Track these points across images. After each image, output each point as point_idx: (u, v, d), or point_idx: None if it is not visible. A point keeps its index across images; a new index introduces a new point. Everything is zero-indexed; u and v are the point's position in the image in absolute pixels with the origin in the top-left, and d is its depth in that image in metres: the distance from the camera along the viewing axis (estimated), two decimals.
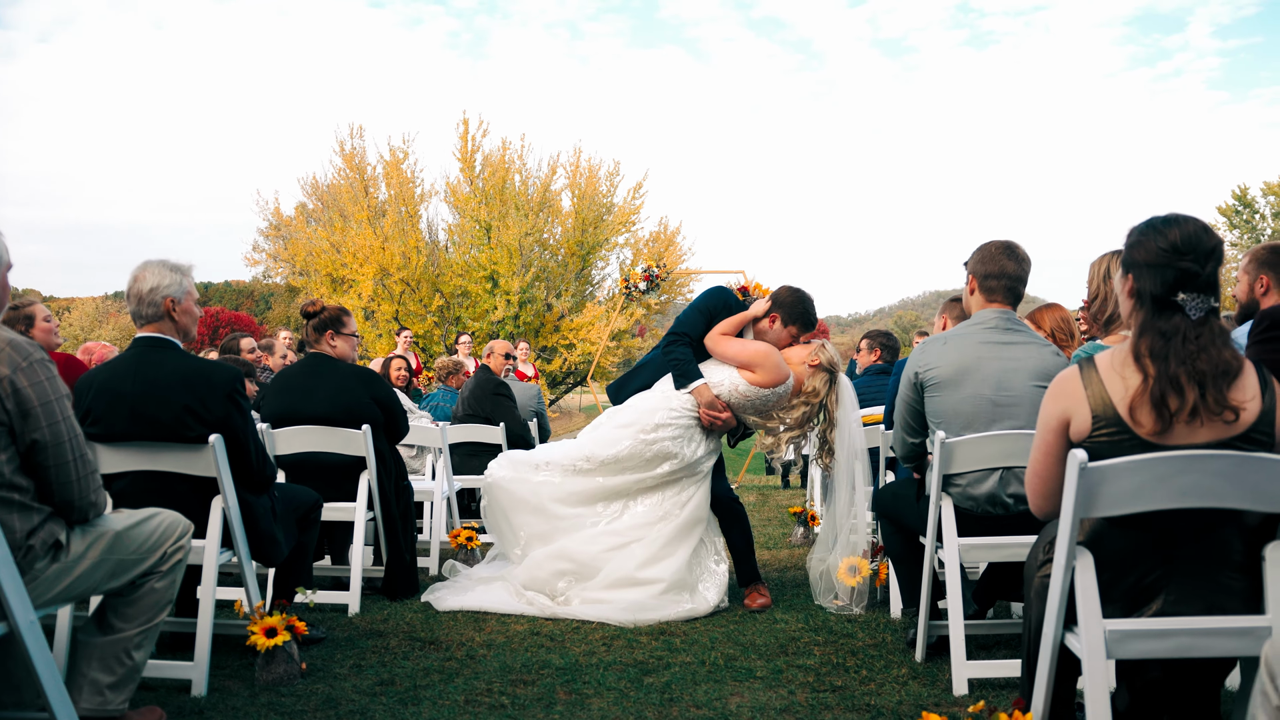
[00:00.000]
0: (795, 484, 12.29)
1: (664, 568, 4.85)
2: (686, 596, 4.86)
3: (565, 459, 5.07)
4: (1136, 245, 2.48)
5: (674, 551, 4.91)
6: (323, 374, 5.10)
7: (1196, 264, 2.41)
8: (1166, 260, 2.42)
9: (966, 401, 3.66)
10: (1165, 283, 2.42)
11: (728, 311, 5.19)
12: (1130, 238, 2.52)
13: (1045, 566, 2.59)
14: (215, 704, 3.47)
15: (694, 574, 4.95)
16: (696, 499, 5.05)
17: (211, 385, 3.69)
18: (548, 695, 3.60)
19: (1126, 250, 2.51)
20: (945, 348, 3.76)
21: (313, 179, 31.64)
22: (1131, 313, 2.50)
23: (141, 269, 3.74)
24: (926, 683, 3.72)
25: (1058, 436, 2.52)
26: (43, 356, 2.71)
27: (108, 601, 3.07)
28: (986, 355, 3.67)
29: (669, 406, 5.02)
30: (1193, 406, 2.35)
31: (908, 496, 4.10)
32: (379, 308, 28.24)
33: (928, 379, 3.77)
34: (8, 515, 2.62)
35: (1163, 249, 2.42)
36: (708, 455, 5.13)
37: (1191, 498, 2.32)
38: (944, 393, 3.71)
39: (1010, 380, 3.63)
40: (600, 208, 30.12)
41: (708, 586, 4.95)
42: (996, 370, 3.64)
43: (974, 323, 3.81)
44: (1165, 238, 2.42)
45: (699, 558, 5.02)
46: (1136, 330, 2.46)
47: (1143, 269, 2.45)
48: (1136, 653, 2.39)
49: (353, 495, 5.04)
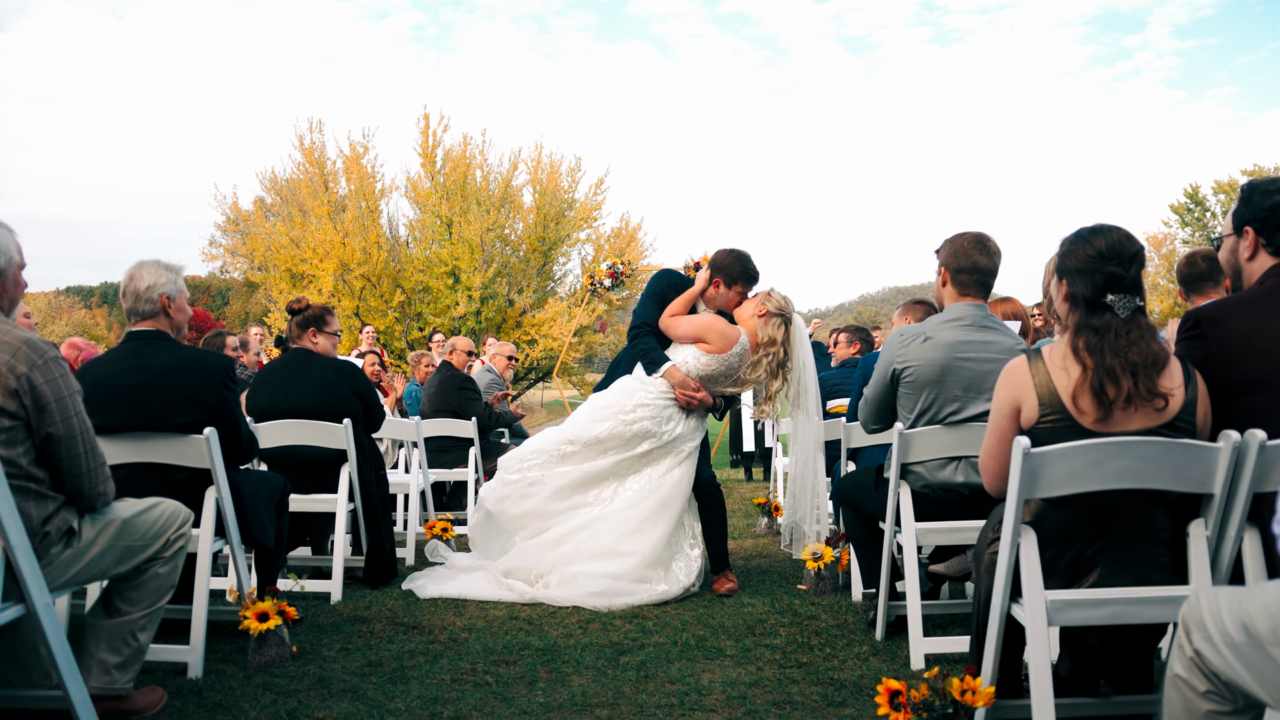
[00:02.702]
0: (759, 477, 12.54)
1: (642, 540, 5.06)
2: (660, 574, 5.06)
3: (550, 446, 5.26)
4: (1068, 254, 2.76)
5: (653, 526, 5.11)
6: (305, 369, 5.25)
7: (1121, 268, 2.68)
8: (1095, 265, 2.69)
9: (942, 400, 3.82)
10: (1095, 286, 2.69)
11: (676, 292, 5.44)
12: (1062, 247, 2.80)
13: (994, 544, 2.83)
14: (212, 685, 3.64)
15: (669, 551, 5.15)
16: (676, 476, 5.24)
17: (206, 372, 3.88)
18: (530, 674, 3.80)
19: (1059, 259, 2.79)
20: (925, 346, 3.84)
21: (271, 173, 31.39)
22: (1068, 314, 2.77)
23: (138, 268, 3.89)
24: (886, 658, 3.96)
25: (1009, 422, 2.78)
26: (57, 354, 2.86)
27: (114, 586, 3.22)
28: (967, 353, 3.80)
29: (645, 389, 5.24)
30: (1127, 394, 2.61)
31: (867, 484, 4.33)
32: (339, 303, 28.10)
33: (904, 375, 3.89)
34: (25, 504, 2.77)
35: (1091, 256, 2.70)
36: (689, 435, 5.32)
37: (1123, 480, 2.58)
38: (921, 389, 3.86)
39: (981, 384, 3.76)
40: (562, 203, 30.21)
41: (680, 567, 5.16)
42: (975, 368, 3.78)
43: (951, 318, 3.90)
44: (1093, 246, 2.70)
45: (676, 539, 5.23)
46: (1073, 329, 2.73)
47: (1074, 274, 2.73)
48: (1075, 620, 2.64)
49: (333, 487, 5.20)
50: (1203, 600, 2.06)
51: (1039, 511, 2.73)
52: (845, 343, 7.19)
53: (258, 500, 4.13)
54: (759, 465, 12.58)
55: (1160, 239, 46.37)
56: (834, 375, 6.76)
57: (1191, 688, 2.04)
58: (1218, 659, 1.98)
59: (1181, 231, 46.12)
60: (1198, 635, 2.03)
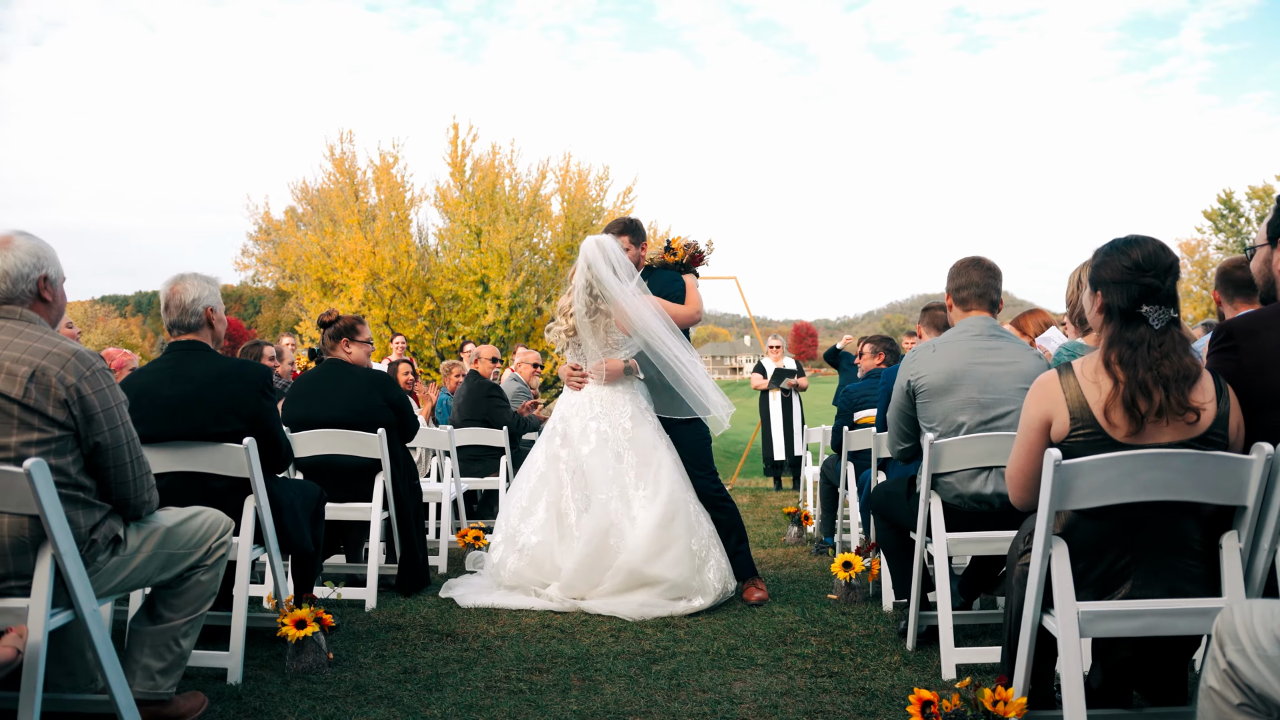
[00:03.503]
0: (789, 486, 12.53)
1: (667, 565, 4.99)
2: (696, 586, 5.05)
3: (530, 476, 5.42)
4: (1102, 265, 2.75)
5: (672, 545, 5.04)
6: (339, 379, 5.34)
7: (1157, 279, 2.68)
8: (1130, 277, 2.69)
9: (957, 405, 3.92)
10: (1130, 297, 2.69)
11: None
12: (1096, 258, 2.79)
13: (1025, 555, 2.84)
14: (251, 690, 3.70)
15: (696, 562, 5.10)
16: (663, 473, 5.22)
17: (245, 382, 3.97)
18: (563, 681, 3.84)
19: (1093, 269, 2.79)
20: (935, 355, 4.02)
21: (302, 183, 31.71)
22: (1101, 326, 2.76)
23: (180, 281, 3.98)
24: (917, 668, 3.97)
25: (1039, 435, 2.78)
26: (104, 366, 2.94)
27: (157, 593, 3.30)
28: (975, 360, 3.95)
29: None
30: (1159, 407, 2.61)
31: (899, 494, 4.35)
32: (369, 312, 28.34)
33: (919, 386, 4.03)
34: (74, 512, 2.85)
35: (1126, 267, 2.69)
36: (613, 421, 5.34)
37: (1154, 491, 2.58)
38: (935, 398, 3.97)
39: (997, 383, 3.90)
40: (590, 212, 30.32)
41: (713, 574, 5.13)
42: (985, 374, 3.91)
43: (959, 330, 4.08)
44: (1128, 257, 2.69)
45: (700, 545, 5.16)
46: (1106, 341, 2.72)
47: (1109, 286, 2.72)
48: (1107, 632, 2.65)
49: (368, 496, 5.27)
50: (1236, 612, 2.07)
51: (1070, 523, 2.73)
52: (870, 353, 7.20)
53: (295, 509, 4.20)
54: (789, 474, 12.57)
55: (1193, 245, 45.91)
56: (861, 386, 6.77)
57: (1225, 700, 2.05)
58: (1251, 671, 1.99)
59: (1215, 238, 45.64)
60: (1231, 648, 2.04)
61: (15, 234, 2.98)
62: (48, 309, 2.98)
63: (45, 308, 2.97)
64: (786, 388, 12.27)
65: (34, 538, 2.75)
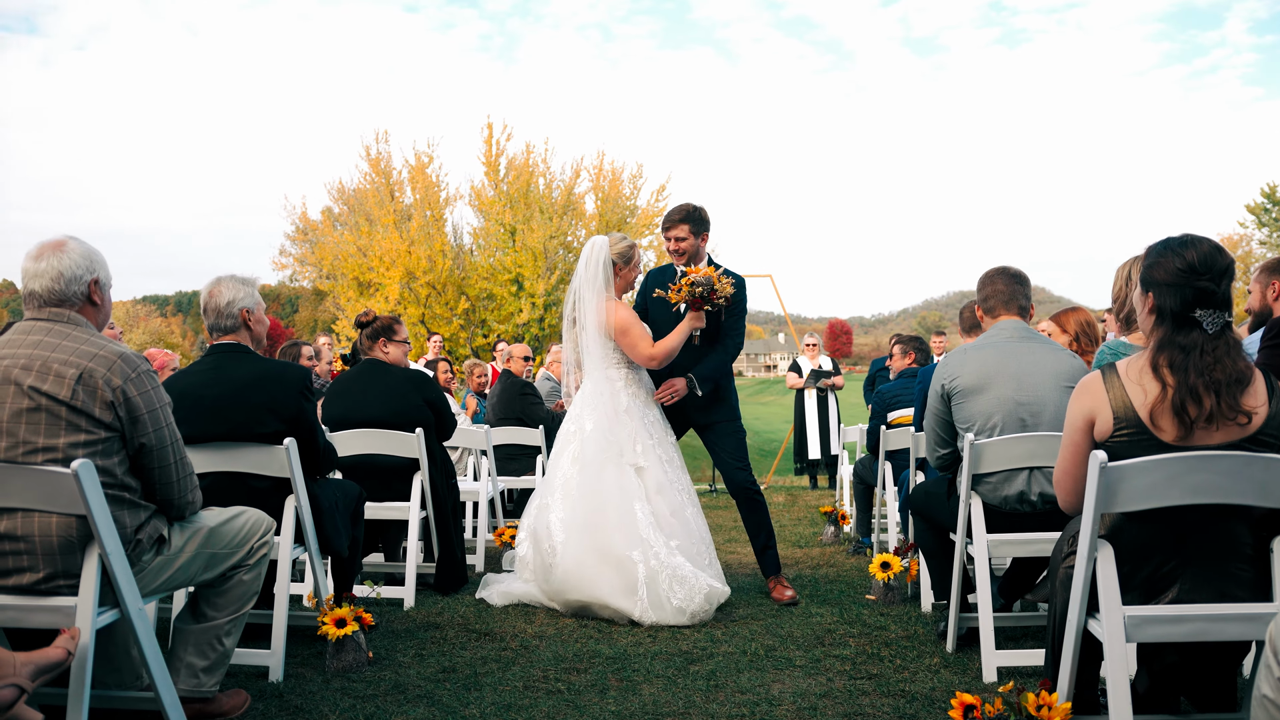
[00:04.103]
0: (824, 484, 12.47)
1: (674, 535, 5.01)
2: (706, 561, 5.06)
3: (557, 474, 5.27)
4: (1155, 265, 2.69)
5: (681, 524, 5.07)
6: (377, 379, 5.37)
7: (1213, 283, 2.62)
8: (1184, 280, 2.62)
9: (992, 404, 3.88)
10: (1184, 300, 2.63)
11: None
12: (1148, 258, 2.73)
13: (1069, 558, 2.81)
14: (292, 688, 3.74)
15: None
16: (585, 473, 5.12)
17: (285, 383, 4.00)
18: (600, 682, 3.84)
19: (1145, 270, 2.72)
20: (966, 357, 4.01)
21: (339, 183, 32.08)
22: (1152, 328, 2.71)
23: (216, 284, 4.03)
24: (957, 671, 3.93)
25: (1084, 435, 2.74)
26: (149, 368, 2.98)
27: (200, 592, 3.34)
28: (1007, 358, 3.92)
29: None
30: (1210, 412, 2.56)
31: (939, 495, 4.31)
32: (405, 311, 28.59)
33: (954, 388, 4.00)
34: (119, 512, 2.89)
35: (1180, 269, 2.63)
36: (597, 430, 5.19)
37: (1203, 494, 2.53)
38: (970, 399, 3.94)
39: (1032, 381, 3.86)
40: (624, 210, 30.40)
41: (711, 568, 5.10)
42: (1017, 372, 3.88)
43: (992, 332, 4.09)
44: (1182, 258, 2.63)
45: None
46: (1156, 344, 2.67)
47: (1162, 288, 2.66)
48: (1154, 637, 2.61)
49: (406, 495, 5.31)
50: None
51: (1115, 525, 2.69)
52: (900, 354, 7.16)
53: (335, 509, 4.23)
54: (824, 473, 12.51)
55: (1236, 240, 45.14)
56: (893, 386, 6.73)
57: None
58: None
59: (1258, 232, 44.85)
60: None
61: (68, 238, 3.03)
62: (95, 312, 3.02)
63: (94, 311, 3.01)
64: (823, 388, 12.22)
65: (81, 537, 2.80)
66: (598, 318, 5.25)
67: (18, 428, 2.79)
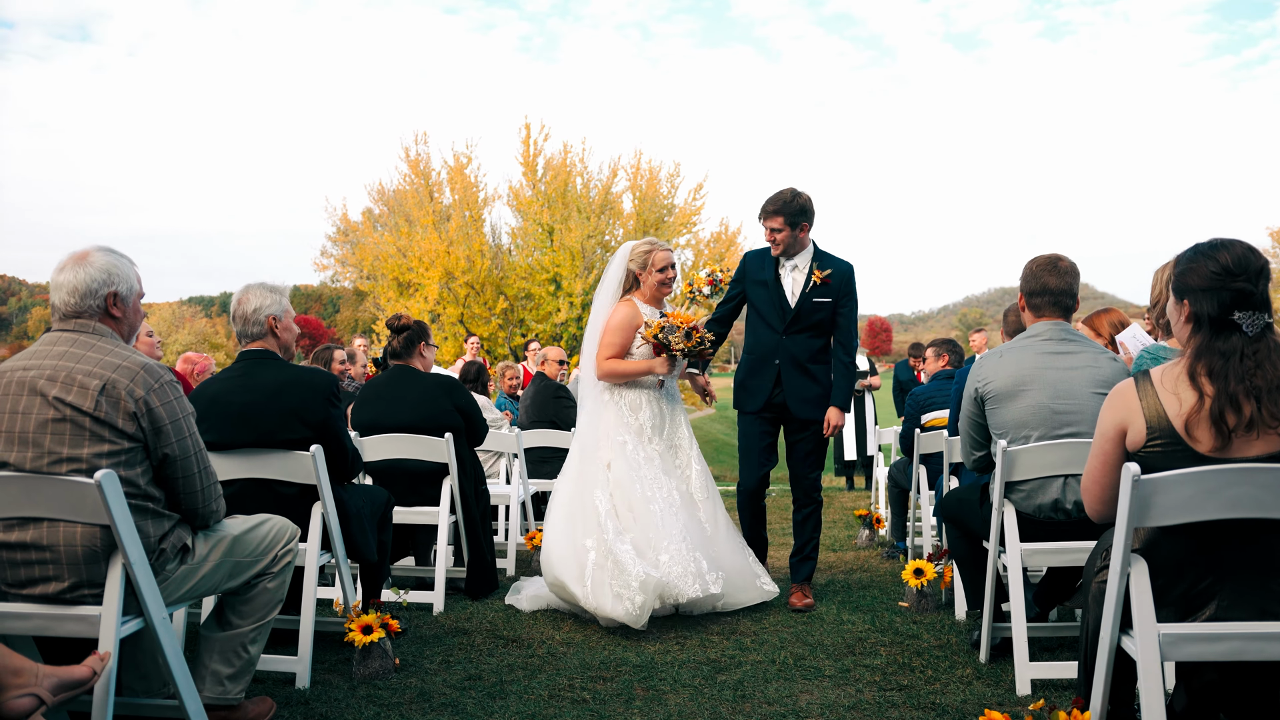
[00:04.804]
0: (860, 485, 12.36)
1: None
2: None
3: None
4: (1187, 271, 2.60)
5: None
6: (408, 384, 5.38)
7: (1249, 283, 2.54)
8: (1220, 283, 2.54)
9: (1026, 410, 3.79)
10: (1222, 304, 2.55)
11: None
12: (1179, 265, 2.65)
13: (1102, 572, 2.73)
14: (318, 695, 3.74)
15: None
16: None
17: (313, 389, 4.01)
18: (626, 691, 3.81)
19: (1177, 278, 2.64)
20: (1001, 360, 3.89)
21: (379, 185, 32.28)
22: (1190, 336, 2.62)
23: (244, 292, 4.06)
24: (990, 683, 3.85)
25: (1115, 445, 2.66)
26: (172, 379, 2.99)
27: (225, 600, 3.35)
28: (1043, 365, 3.80)
29: None
30: (1250, 420, 2.47)
31: (972, 501, 4.23)
32: (444, 311, 28.74)
33: (987, 392, 3.91)
34: (143, 522, 2.90)
35: (1215, 272, 2.55)
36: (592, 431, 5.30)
37: (1242, 508, 2.44)
38: (1003, 404, 3.85)
39: (1069, 388, 3.75)
40: (661, 209, 30.31)
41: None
42: (1054, 379, 3.77)
43: (1029, 335, 3.95)
44: (1216, 261, 2.55)
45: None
46: (1194, 352, 2.58)
47: (1197, 293, 2.58)
48: (1190, 655, 2.52)
49: (436, 499, 5.31)
50: None
51: (1150, 539, 2.61)
52: (934, 356, 7.05)
53: (362, 516, 4.24)
54: (861, 473, 12.40)
55: None
56: (927, 389, 6.63)
57: None
58: None
59: None
60: None
61: (95, 250, 3.04)
62: (118, 324, 3.03)
63: (115, 323, 3.02)
64: (859, 388, 12.10)
65: (105, 547, 2.81)
66: (602, 316, 5.37)
67: (43, 438, 2.81)
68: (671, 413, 5.38)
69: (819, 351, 5.37)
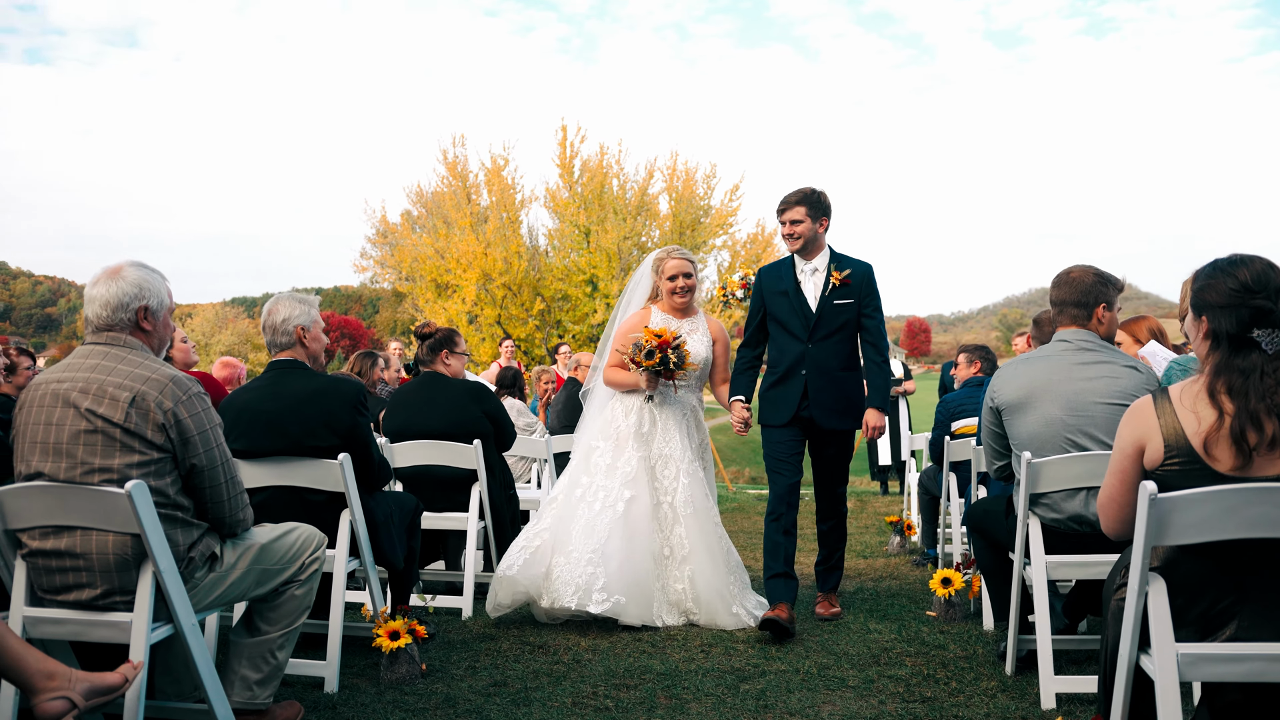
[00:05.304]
0: (895, 490, 12.29)
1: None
2: None
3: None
4: (1205, 288, 2.58)
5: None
6: (437, 391, 5.45)
7: (1269, 300, 2.51)
8: (1239, 300, 2.52)
9: (1039, 423, 3.75)
10: (1240, 321, 2.53)
11: None
12: (1197, 281, 2.63)
13: (1121, 589, 2.71)
14: (346, 700, 3.80)
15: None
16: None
17: (340, 397, 4.09)
18: (649, 699, 3.83)
19: (1195, 294, 2.62)
20: (1017, 371, 3.88)
21: (417, 187, 32.58)
22: (1209, 353, 2.60)
23: (274, 303, 4.15)
24: (1015, 696, 3.83)
25: (1133, 463, 2.65)
26: (200, 390, 3.06)
27: (254, 607, 3.42)
28: (1059, 376, 3.75)
29: None
30: (1272, 438, 2.45)
31: (997, 513, 4.20)
32: (482, 312, 28.94)
33: (1001, 403, 3.90)
34: (172, 530, 2.97)
35: (1234, 289, 2.53)
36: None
37: (1262, 528, 2.42)
38: (1015, 416, 3.83)
39: (1083, 400, 3.70)
40: (697, 210, 30.29)
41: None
42: (1069, 390, 3.72)
43: (1052, 344, 3.92)
44: (1235, 278, 2.53)
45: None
46: (1213, 369, 2.56)
47: (1216, 310, 2.56)
48: (1209, 676, 2.50)
49: (465, 505, 5.37)
50: None
51: (1169, 557, 2.59)
52: (965, 363, 7.00)
53: (390, 522, 4.30)
54: (895, 478, 12.33)
55: None
56: (958, 396, 6.58)
57: None
58: None
59: None
60: None
61: (128, 265, 3.13)
62: (148, 337, 3.11)
63: (146, 336, 3.10)
64: (893, 394, 12.03)
65: (136, 555, 2.89)
66: (617, 323, 5.58)
67: (76, 449, 2.90)
68: (663, 423, 5.29)
69: (847, 358, 5.21)
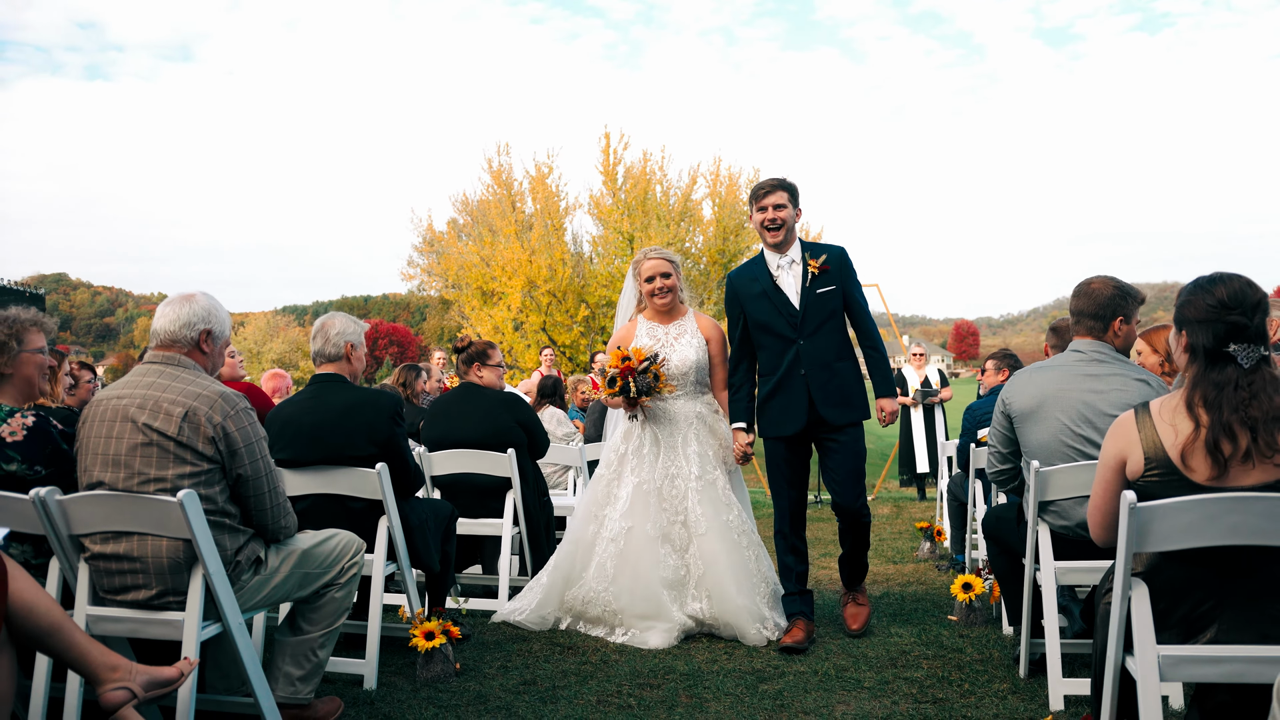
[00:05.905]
0: (932, 496, 12.33)
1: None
2: None
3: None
4: (1186, 304, 2.72)
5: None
6: (472, 402, 5.67)
7: (1244, 317, 2.64)
8: (1216, 315, 2.66)
9: (1047, 433, 3.86)
10: (1217, 336, 2.66)
11: None
12: (1180, 298, 2.77)
13: (1109, 594, 2.84)
14: (383, 696, 4.03)
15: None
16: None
17: (378, 409, 4.33)
18: (670, 698, 4.01)
19: (1177, 310, 2.76)
20: (1029, 379, 3.97)
21: (463, 196, 32.99)
22: (1187, 366, 2.73)
23: (329, 317, 4.47)
24: (1025, 698, 3.95)
25: (1115, 474, 2.78)
26: (246, 405, 3.30)
27: (297, 608, 3.65)
28: (1070, 386, 3.85)
29: None
30: (1246, 450, 2.58)
31: (1010, 519, 4.32)
32: (527, 319, 29.27)
33: (1011, 410, 4.01)
34: (220, 536, 3.21)
35: (1211, 305, 2.66)
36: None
37: (1239, 535, 2.55)
38: (1025, 424, 3.94)
39: (1092, 410, 3.80)
40: (740, 215, 30.36)
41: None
42: (1077, 401, 3.82)
43: (1067, 352, 4.01)
44: (1213, 295, 2.66)
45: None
46: (1190, 382, 2.69)
47: (1194, 325, 2.69)
48: (1190, 676, 2.63)
49: (500, 512, 5.59)
50: None
51: (1152, 563, 2.72)
52: (994, 369, 7.07)
53: (425, 528, 4.52)
54: (933, 484, 12.36)
55: None
56: (985, 403, 6.66)
57: None
58: None
59: None
60: None
61: (200, 293, 3.48)
62: (205, 359, 3.40)
63: (203, 357, 3.39)
64: (929, 404, 12.08)
65: (187, 559, 3.13)
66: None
67: (133, 460, 3.15)
68: (666, 440, 5.20)
69: (840, 348, 4.99)
